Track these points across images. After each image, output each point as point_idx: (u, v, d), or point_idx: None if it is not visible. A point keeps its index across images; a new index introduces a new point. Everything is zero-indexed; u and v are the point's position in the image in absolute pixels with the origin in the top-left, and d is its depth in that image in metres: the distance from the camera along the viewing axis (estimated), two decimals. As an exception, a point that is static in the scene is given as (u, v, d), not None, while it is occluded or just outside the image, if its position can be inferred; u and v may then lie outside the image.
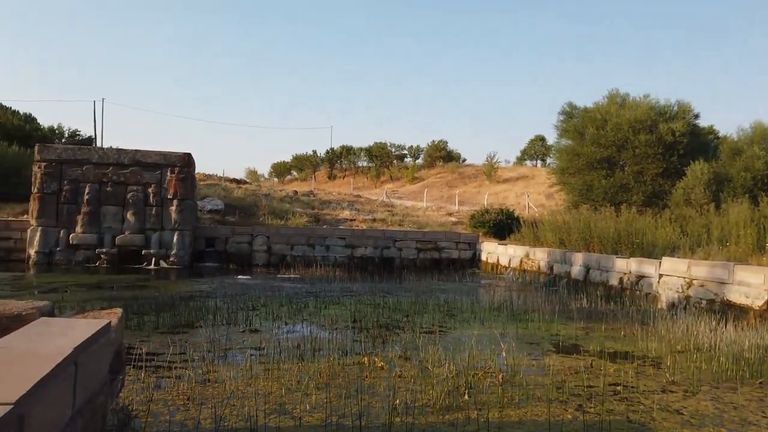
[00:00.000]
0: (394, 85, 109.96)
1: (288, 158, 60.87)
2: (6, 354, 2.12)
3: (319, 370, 5.42)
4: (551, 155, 29.27)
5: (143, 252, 16.16)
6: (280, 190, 30.80)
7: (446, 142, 51.09)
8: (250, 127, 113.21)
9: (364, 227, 20.70)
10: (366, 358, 5.88)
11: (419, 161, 51.21)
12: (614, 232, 13.66)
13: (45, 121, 33.15)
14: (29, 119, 30.81)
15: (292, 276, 15.16)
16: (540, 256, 15.24)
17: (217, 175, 35.55)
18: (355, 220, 22.27)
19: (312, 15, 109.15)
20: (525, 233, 17.51)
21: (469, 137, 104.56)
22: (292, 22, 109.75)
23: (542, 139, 47.15)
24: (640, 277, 11.49)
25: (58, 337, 2.41)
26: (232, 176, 38.06)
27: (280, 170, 61.45)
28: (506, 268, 16.82)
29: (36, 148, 16.44)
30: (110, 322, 2.99)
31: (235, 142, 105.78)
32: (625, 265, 11.98)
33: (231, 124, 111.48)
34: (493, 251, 18.05)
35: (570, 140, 21.90)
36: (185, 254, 16.59)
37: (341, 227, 20.39)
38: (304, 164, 56.80)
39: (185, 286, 12.64)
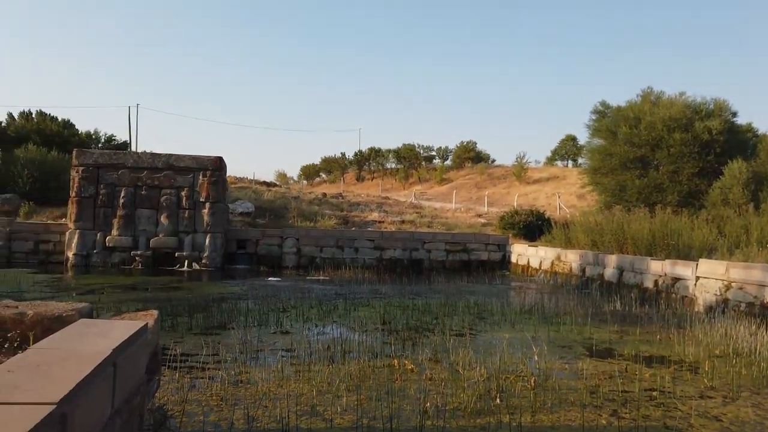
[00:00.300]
0: (422, 86, 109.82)
1: (317, 161, 61.35)
2: (48, 355, 2.19)
3: (349, 372, 5.44)
4: (583, 155, 28.82)
5: (176, 254, 16.48)
6: (309, 193, 31.05)
7: (475, 143, 50.77)
8: (280, 130, 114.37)
9: (393, 229, 20.71)
10: (396, 361, 5.87)
11: (448, 162, 50.96)
12: (649, 234, 13.36)
13: (82, 126, 34.25)
14: (67, 125, 31.71)
15: (322, 278, 15.26)
16: (572, 258, 15.01)
17: (247, 178, 36.05)
18: (383, 222, 22.30)
19: (338, 17, 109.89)
20: (556, 235, 17.27)
21: (499, 138, 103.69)
22: (319, 25, 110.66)
23: (573, 138, 46.42)
24: (676, 279, 11.21)
25: (97, 339, 2.48)
26: (262, 179, 38.56)
27: (309, 173, 61.91)
28: (537, 270, 16.61)
29: (74, 153, 16.92)
30: (147, 323, 3.06)
31: (264, 145, 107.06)
32: (660, 268, 11.70)
33: (261, 128, 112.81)
34: (524, 253, 17.85)
35: (602, 140, 21.52)
36: (217, 256, 16.85)
37: (370, 229, 20.44)
38: (333, 166, 57.12)
39: (217, 288, 12.84)
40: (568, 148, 47.27)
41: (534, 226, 19.44)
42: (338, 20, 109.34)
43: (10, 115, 32.31)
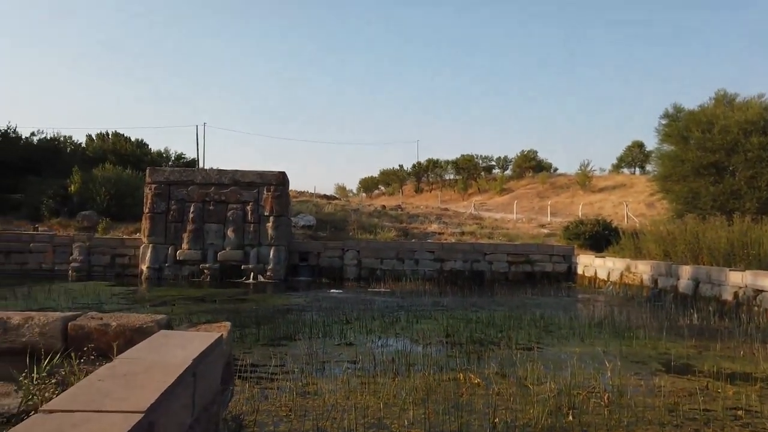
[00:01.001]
0: (480, 96, 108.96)
1: (375, 173, 61.89)
2: (134, 365, 2.29)
3: (414, 385, 5.41)
4: (651, 161, 27.62)
5: (242, 267, 16.96)
6: (369, 205, 31.32)
7: (536, 152, 49.79)
8: (339, 144, 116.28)
9: (453, 240, 20.55)
10: (461, 374, 5.79)
11: (508, 172, 50.17)
12: (726, 243, 12.63)
13: (154, 145, 36.00)
14: (140, 144, 33.48)
15: (383, 290, 15.30)
16: (642, 269, 14.39)
17: (308, 192, 36.79)
18: (443, 233, 22.16)
19: (393, 30, 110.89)
20: (625, 245, 16.61)
21: (561, 146, 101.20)
22: (376, 38, 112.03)
23: (640, 145, 44.68)
24: (758, 291, 10.52)
25: (178, 349, 2.57)
26: (322, 192, 39.28)
27: (368, 185, 62.53)
28: (605, 282, 16.02)
29: (147, 171, 17.79)
30: (222, 335, 3.15)
31: (324, 159, 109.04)
32: (740, 279, 11.03)
33: (321, 142, 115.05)
34: (590, 264, 17.27)
35: (673, 145, 20.58)
36: (281, 268, 17.23)
37: (429, 241, 20.36)
38: (391, 179, 57.43)
39: (281, 300, 13.11)
40: (635, 155, 45.53)
41: (600, 236, 18.78)
42: (394, 32, 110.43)
43: (89, 137, 34.44)
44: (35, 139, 28.67)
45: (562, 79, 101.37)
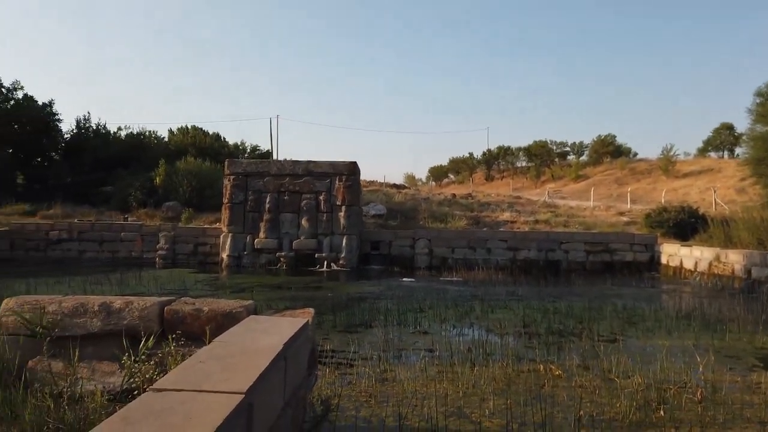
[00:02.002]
0: (552, 79, 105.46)
1: (445, 162, 61.43)
2: (230, 348, 2.38)
3: (493, 375, 5.34)
4: (742, 144, 25.76)
5: (316, 255, 17.34)
6: (438, 194, 31.15)
7: (614, 136, 47.63)
8: (409, 133, 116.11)
9: (526, 229, 20.08)
10: (542, 366, 5.66)
11: (584, 158, 48.33)
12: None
13: (230, 138, 37.33)
14: (217, 138, 34.84)
15: (455, 279, 15.20)
16: (734, 259, 13.49)
17: (378, 181, 37.09)
18: (516, 221, 21.70)
19: (464, 16, 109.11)
20: (713, 233, 15.63)
21: (641, 130, 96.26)
22: (446, 25, 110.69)
23: (730, 127, 41.79)
24: None
25: (268, 334, 2.65)
26: (392, 182, 39.46)
27: (438, 174, 62.19)
28: (692, 272, 15.15)
29: (226, 163, 18.51)
30: (307, 321, 3.23)
31: (394, 148, 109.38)
32: None
33: (390, 131, 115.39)
34: (675, 253, 16.37)
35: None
36: (353, 257, 17.48)
37: (502, 229, 19.98)
38: (461, 167, 56.82)
39: (355, 288, 13.30)
40: (723, 138, 42.68)
41: (686, 224, 17.76)
42: (464, 18, 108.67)
43: (171, 131, 36.19)
44: (123, 134, 30.49)
45: (641, 58, 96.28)
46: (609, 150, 46.27)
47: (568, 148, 50.10)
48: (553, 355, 6.20)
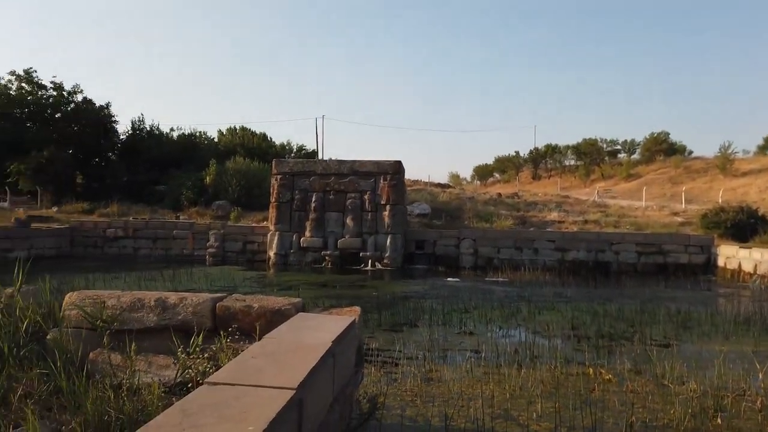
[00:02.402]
0: (602, 75, 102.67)
1: (490, 161, 60.71)
2: (281, 344, 2.43)
3: (541, 377, 5.25)
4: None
5: (360, 254, 17.45)
6: (484, 193, 30.83)
7: (668, 134, 45.94)
8: (453, 131, 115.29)
9: (575, 229, 19.63)
10: (591, 369, 5.54)
11: (635, 156, 46.82)
12: None
13: (276, 138, 37.92)
14: (264, 138, 35.54)
15: (500, 279, 15.01)
16: (797, 262, 12.82)
17: (422, 181, 36.97)
18: (564, 221, 21.25)
19: (509, 11, 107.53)
20: (775, 234, 14.89)
21: (696, 127, 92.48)
22: (494, 22, 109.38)
23: (793, 123, 39.67)
24: None
25: (317, 332, 2.70)
26: (436, 181, 39.29)
27: (483, 173, 61.52)
28: (751, 275, 14.47)
29: (273, 162, 18.85)
30: (354, 319, 3.26)
31: (438, 147, 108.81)
32: None
33: (434, 130, 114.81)
34: (733, 255, 15.68)
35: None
36: (397, 256, 17.50)
37: (549, 229, 19.61)
38: (507, 166, 56.02)
39: (399, 287, 13.32)
40: (786, 134, 40.48)
41: (745, 225, 16.99)
42: (509, 14, 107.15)
43: (220, 132, 37.14)
44: (174, 135, 31.46)
45: (697, 53, 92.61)
46: (662, 148, 44.65)
47: (618, 146, 48.63)
48: (603, 359, 6.05)
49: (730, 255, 15.83)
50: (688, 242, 17.28)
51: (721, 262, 16.29)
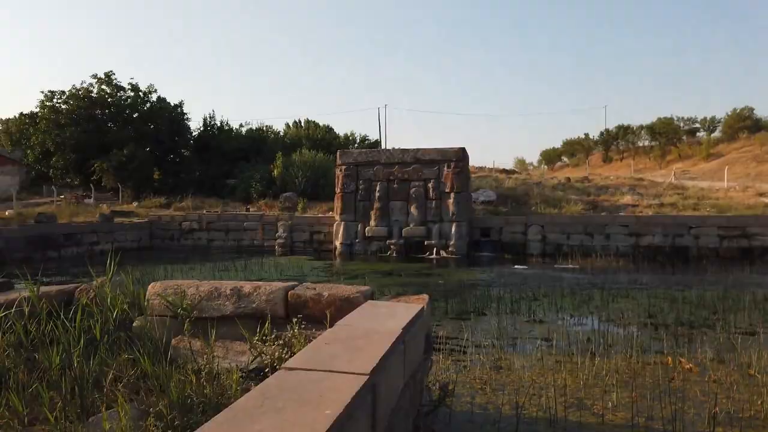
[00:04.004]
0: (677, 49, 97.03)
1: (557, 144, 58.97)
2: (352, 331, 2.48)
3: (616, 366, 5.09)
4: None
5: (425, 243, 17.44)
6: (551, 178, 29.96)
7: (752, 109, 42.90)
8: (518, 115, 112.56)
9: (650, 213, 18.76)
10: (670, 358, 5.30)
11: (716, 134, 44.07)
12: None
13: (340, 129, 38.48)
14: (328, 130, 36.11)
15: (570, 266, 14.61)
16: None
17: (487, 167, 36.36)
18: (638, 205, 20.34)
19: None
20: None
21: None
22: (556, 3, 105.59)
23: None
24: None
25: (387, 318, 2.73)
26: (501, 167, 38.55)
27: (550, 157, 59.86)
28: None
29: (338, 153, 19.12)
30: (423, 306, 3.28)
31: (503, 133, 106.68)
32: None
33: (499, 115, 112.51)
34: (828, 238, 14.54)
35: None
36: (462, 244, 17.36)
37: (622, 214, 18.84)
38: (576, 149, 54.23)
39: (465, 275, 13.23)
40: None
41: (842, 205, 15.69)
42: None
43: (287, 125, 38.05)
44: (243, 130, 32.47)
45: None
46: (746, 125, 41.77)
47: (697, 125, 45.96)
48: (683, 348, 5.79)
49: (825, 237, 14.68)
50: (776, 224, 16.15)
51: (814, 246, 15.14)
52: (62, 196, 26.13)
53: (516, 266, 14.87)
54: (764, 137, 37.24)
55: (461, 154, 17.78)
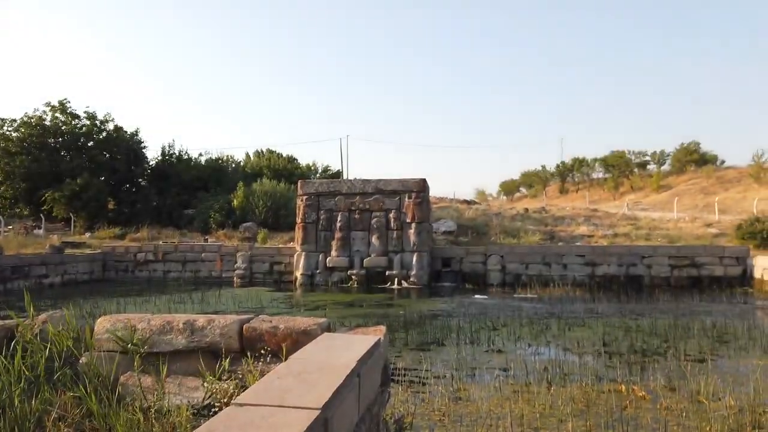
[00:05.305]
0: (629, 86, 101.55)
1: (516, 176, 60.33)
2: (306, 365, 2.45)
3: (572, 395, 5.16)
4: None
5: (387, 273, 17.44)
6: (510, 209, 30.57)
7: (698, 144, 44.98)
8: (477, 147, 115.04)
9: (605, 243, 19.30)
10: (623, 386, 5.42)
11: (665, 167, 45.96)
12: None
13: (302, 160, 38.43)
14: (290, 159, 36.05)
15: (529, 295, 14.82)
16: (839, 272, 12.37)
17: (447, 198, 36.84)
18: (593, 236, 20.93)
19: (527, 28, 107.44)
20: (814, 244, 14.42)
21: (728, 136, 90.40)
22: (511, 36, 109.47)
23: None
24: None
25: (343, 351, 2.71)
26: (461, 197, 39.13)
27: (509, 188, 61.12)
28: (790, 286, 14.01)
29: (299, 183, 19.07)
30: (379, 338, 3.27)
31: (463, 164, 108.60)
32: None
33: (459, 147, 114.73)
34: (770, 267, 15.21)
35: None
36: (424, 274, 17.44)
37: (578, 244, 19.33)
38: (533, 180, 55.56)
39: (426, 305, 13.25)
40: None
41: (782, 235, 16.49)
42: (526, 28, 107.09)
43: (247, 154, 37.80)
44: (203, 159, 32.10)
45: (725, 58, 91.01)
46: (693, 158, 43.75)
47: (648, 158, 47.79)
48: (636, 376, 5.91)
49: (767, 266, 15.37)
50: (722, 254, 16.84)
51: (757, 274, 15.82)
52: (10, 227, 25.13)
53: (476, 296, 14.99)
54: (710, 170, 39.05)
55: (422, 185, 17.99)
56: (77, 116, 28.44)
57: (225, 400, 3.16)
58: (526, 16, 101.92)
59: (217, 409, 3.14)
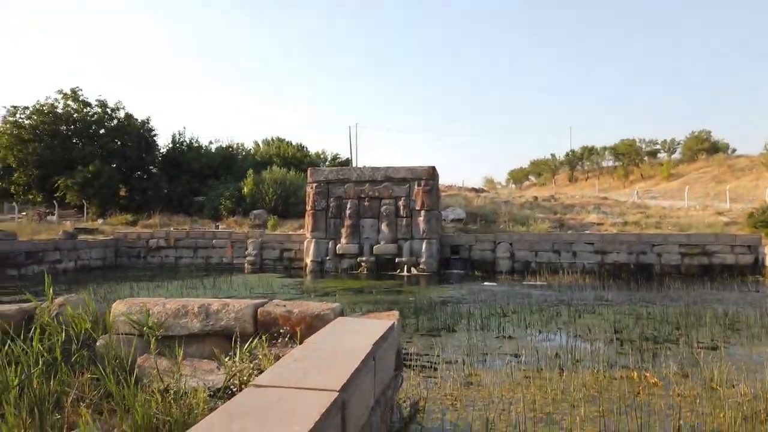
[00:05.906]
0: (638, 72, 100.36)
1: (525, 164, 60.00)
2: (322, 348, 2.47)
3: (584, 381, 5.16)
4: None
5: (396, 260, 17.49)
6: (519, 197, 30.42)
7: (709, 132, 44.51)
8: (487, 135, 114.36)
9: (615, 231, 19.20)
10: (635, 373, 5.41)
11: (676, 156, 45.52)
12: None
13: (312, 148, 38.45)
14: (300, 148, 36.04)
15: (539, 283, 14.80)
16: None
17: (456, 186, 36.71)
18: (603, 224, 20.81)
19: (544, 14, 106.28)
20: (828, 232, 14.26)
21: (740, 124, 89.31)
22: (519, 24, 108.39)
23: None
24: None
25: (357, 335, 2.73)
26: (470, 186, 39.00)
27: (518, 176, 60.81)
28: (803, 275, 13.90)
29: (308, 171, 19.10)
30: (393, 323, 3.28)
31: (472, 152, 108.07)
32: None
33: (468, 135, 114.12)
34: (783, 255, 15.08)
35: None
36: (433, 261, 17.46)
37: (588, 232, 19.24)
38: (543, 169, 55.23)
39: (436, 292, 13.27)
40: (837, 128, 38.77)
41: (795, 223, 16.32)
42: (541, 18, 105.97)
43: (256, 143, 37.83)
44: (213, 147, 32.16)
45: (736, 45, 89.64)
46: (704, 147, 43.29)
47: (658, 146, 47.35)
48: (648, 363, 5.91)
49: (780, 254, 15.23)
50: (734, 242, 16.72)
51: (770, 262, 15.70)
52: (24, 214, 25.38)
53: (485, 283, 14.99)
54: (721, 159, 38.62)
55: (431, 173, 17.95)
56: (89, 104, 28.54)
57: (243, 383, 3.20)
58: (535, 6, 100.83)
59: (234, 391, 3.18)
